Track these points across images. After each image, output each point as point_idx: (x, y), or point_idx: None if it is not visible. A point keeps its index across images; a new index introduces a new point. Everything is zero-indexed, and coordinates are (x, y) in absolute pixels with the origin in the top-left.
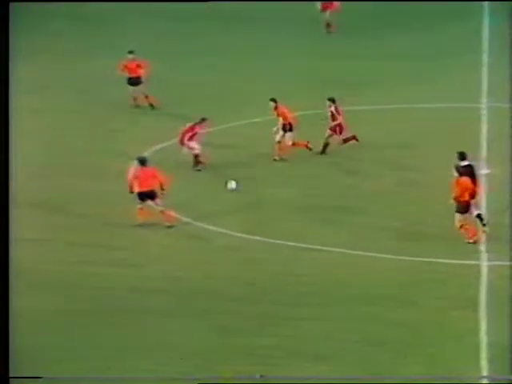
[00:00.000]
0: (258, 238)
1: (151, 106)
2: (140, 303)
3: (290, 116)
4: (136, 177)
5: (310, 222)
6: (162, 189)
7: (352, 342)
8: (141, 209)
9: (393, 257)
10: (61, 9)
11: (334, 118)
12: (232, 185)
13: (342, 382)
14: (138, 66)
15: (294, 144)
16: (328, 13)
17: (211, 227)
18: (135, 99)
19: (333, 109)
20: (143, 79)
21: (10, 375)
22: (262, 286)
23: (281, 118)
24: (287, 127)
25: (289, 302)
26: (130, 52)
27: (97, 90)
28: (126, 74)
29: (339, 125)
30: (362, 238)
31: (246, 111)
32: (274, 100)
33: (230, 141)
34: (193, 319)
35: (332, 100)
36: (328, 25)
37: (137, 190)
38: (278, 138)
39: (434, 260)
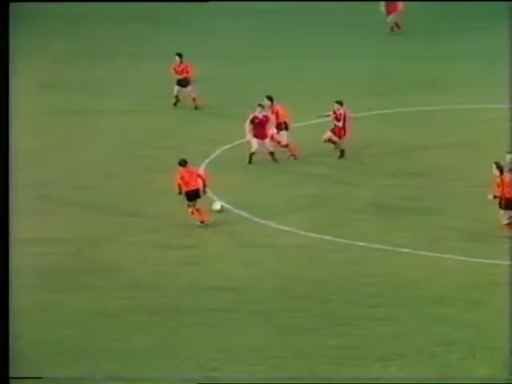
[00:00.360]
0: (326, 237)
1: (196, 107)
2: (206, 301)
3: (285, 115)
4: (182, 178)
5: (380, 222)
6: (204, 186)
7: (421, 343)
8: (197, 211)
9: (462, 258)
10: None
11: (338, 120)
12: (217, 206)
13: (411, 382)
14: (185, 69)
15: (286, 145)
16: (392, 16)
17: (279, 226)
18: (178, 99)
19: (341, 111)
20: (191, 81)
21: (10, 375)
22: (329, 285)
23: (273, 117)
24: (282, 126)
25: (357, 302)
26: (178, 55)
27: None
28: (176, 76)
29: (343, 128)
30: (431, 239)
31: (314, 111)
32: (270, 98)
33: (299, 139)
34: (259, 317)
35: (340, 103)
36: (394, 26)
37: (184, 189)
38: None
39: (505, 262)
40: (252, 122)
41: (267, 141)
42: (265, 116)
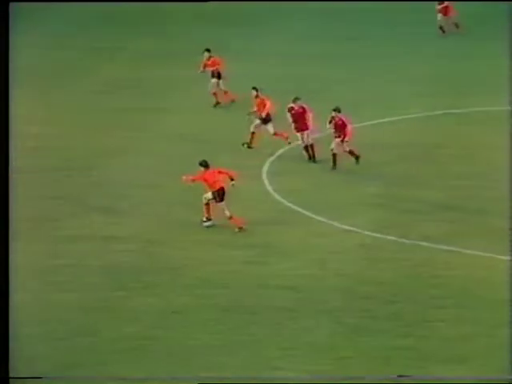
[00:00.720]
0: (390, 237)
1: (215, 103)
2: (270, 300)
3: (268, 107)
4: (205, 180)
5: (444, 222)
6: (232, 179)
7: (485, 345)
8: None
9: None
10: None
11: (336, 127)
12: (207, 223)
13: (474, 382)
14: (215, 62)
15: (275, 134)
16: (448, 17)
17: (343, 226)
18: (228, 94)
19: (337, 119)
20: (223, 75)
21: (10, 375)
22: (394, 285)
23: (256, 108)
24: (266, 119)
25: (422, 303)
26: (207, 50)
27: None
28: (209, 70)
29: (344, 133)
30: (496, 240)
31: (379, 111)
32: (255, 89)
33: (365, 139)
34: (323, 317)
35: (338, 110)
36: (453, 25)
37: (211, 190)
38: (252, 128)
39: None
40: (289, 112)
41: (306, 132)
42: (301, 107)
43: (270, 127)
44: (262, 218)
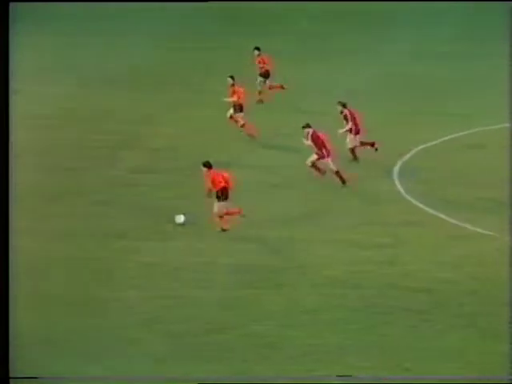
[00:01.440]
0: None
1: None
2: (401, 302)
3: (243, 98)
4: (212, 179)
5: None
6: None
7: None
8: (220, 217)
9: None
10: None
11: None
12: (180, 219)
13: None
14: (263, 61)
15: (243, 125)
16: None
17: (476, 228)
18: (260, 93)
19: (346, 113)
20: (270, 72)
21: (10, 375)
22: None
23: (235, 97)
24: (237, 108)
25: None
26: (257, 48)
27: None
28: (258, 69)
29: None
30: None
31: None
32: (232, 77)
33: (495, 142)
34: (457, 321)
35: (343, 105)
36: None
37: (215, 189)
38: (228, 114)
39: None
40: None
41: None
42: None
43: (239, 117)
44: (394, 218)
